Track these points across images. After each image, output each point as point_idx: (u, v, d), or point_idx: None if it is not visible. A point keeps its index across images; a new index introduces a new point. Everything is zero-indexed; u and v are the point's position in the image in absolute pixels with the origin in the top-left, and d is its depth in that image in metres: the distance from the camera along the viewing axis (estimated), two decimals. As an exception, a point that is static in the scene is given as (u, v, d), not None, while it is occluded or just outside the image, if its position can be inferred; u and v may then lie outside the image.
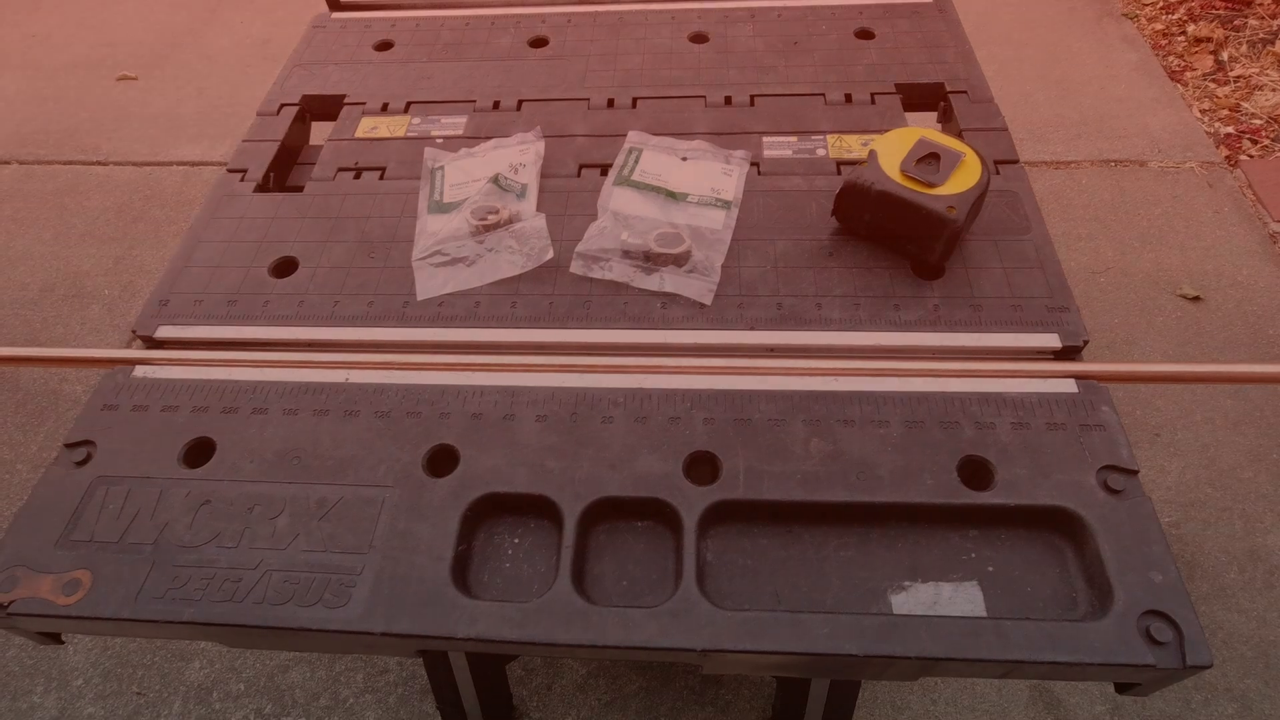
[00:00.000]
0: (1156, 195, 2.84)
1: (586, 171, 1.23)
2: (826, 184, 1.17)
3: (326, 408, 0.97)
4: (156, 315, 1.09)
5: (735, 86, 1.33)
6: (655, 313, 1.03)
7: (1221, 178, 2.89)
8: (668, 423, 0.93)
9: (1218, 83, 3.37)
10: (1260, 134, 3.16)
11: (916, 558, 0.85)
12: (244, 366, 1.02)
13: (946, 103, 1.29)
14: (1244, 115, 3.24)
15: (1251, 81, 3.40)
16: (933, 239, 1.00)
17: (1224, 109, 3.25)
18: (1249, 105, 3.28)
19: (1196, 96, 3.32)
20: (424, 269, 1.09)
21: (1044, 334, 0.98)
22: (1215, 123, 3.18)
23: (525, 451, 0.91)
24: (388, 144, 1.29)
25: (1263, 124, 3.19)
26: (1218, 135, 3.12)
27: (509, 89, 1.37)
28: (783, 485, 0.87)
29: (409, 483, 0.89)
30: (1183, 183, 2.89)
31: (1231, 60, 3.48)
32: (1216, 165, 2.97)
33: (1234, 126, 3.20)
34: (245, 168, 1.27)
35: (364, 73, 1.42)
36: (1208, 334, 2.34)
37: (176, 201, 2.94)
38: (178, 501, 0.90)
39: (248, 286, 1.11)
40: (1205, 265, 2.53)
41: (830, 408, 0.93)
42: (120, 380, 1.02)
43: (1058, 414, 0.91)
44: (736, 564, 0.86)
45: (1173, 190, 2.89)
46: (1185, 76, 3.42)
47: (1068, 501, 0.84)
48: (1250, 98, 3.33)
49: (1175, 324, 2.36)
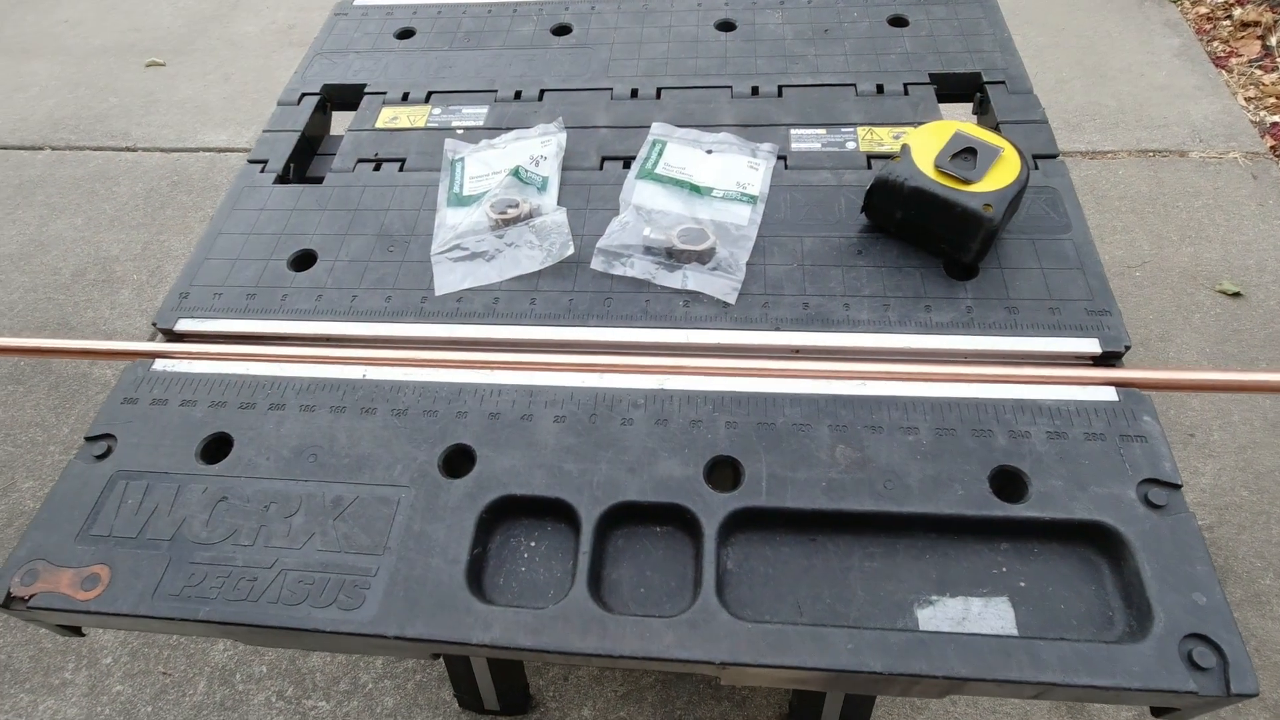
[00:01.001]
0: (1197, 187, 2.75)
1: (609, 164, 1.20)
2: (856, 179, 1.13)
3: (343, 404, 0.96)
4: (176, 308, 1.08)
5: (763, 76, 1.29)
6: (677, 311, 1.01)
7: (1267, 169, 2.78)
8: (689, 426, 0.90)
9: (1265, 69, 3.24)
10: (1310, 123, 3.04)
11: (945, 570, 0.82)
12: (262, 361, 1.01)
13: (983, 93, 1.24)
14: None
15: (1302, 68, 3.26)
16: (968, 238, 0.97)
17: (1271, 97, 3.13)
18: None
19: (1242, 84, 3.20)
20: (442, 264, 1.08)
21: (1083, 338, 0.94)
22: (1261, 111, 3.06)
23: (543, 453, 0.89)
24: (408, 134, 1.28)
25: (1313, 113, 3.06)
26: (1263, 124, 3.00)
27: (531, 78, 1.34)
28: (807, 493, 0.84)
29: (425, 483, 0.88)
30: (1225, 174, 2.79)
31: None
32: (1261, 156, 2.86)
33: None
34: (266, 158, 1.26)
35: (385, 62, 1.40)
36: (1247, 332, 2.26)
37: (202, 187, 2.96)
38: (195, 498, 0.89)
39: (266, 280, 1.10)
40: (1247, 260, 2.44)
41: (857, 413, 0.90)
42: (140, 373, 1.02)
43: (1096, 423, 0.87)
44: (757, 573, 0.83)
45: (1214, 182, 2.80)
46: (1230, 62, 3.29)
47: (1106, 516, 0.80)
48: (1300, 85, 3.19)
49: (1214, 321, 2.28)
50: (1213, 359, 2.19)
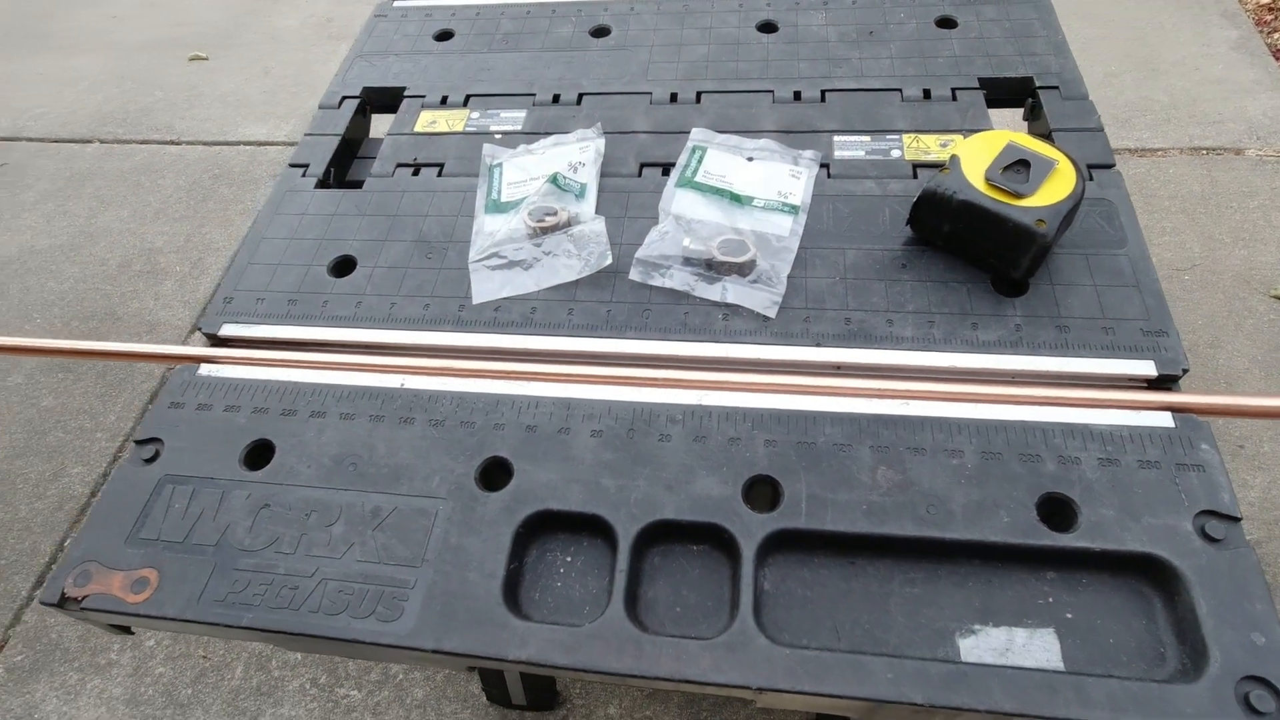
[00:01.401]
0: (1253, 186, 2.64)
1: (648, 170, 1.19)
2: (901, 189, 1.10)
3: (382, 413, 0.97)
4: (221, 313, 1.10)
5: (805, 81, 1.26)
6: (716, 325, 1.00)
7: None
8: (727, 443, 0.89)
9: (1329, 63, 3.10)
10: (1377, 120, 2.90)
11: (988, 599, 0.80)
12: (302, 368, 1.02)
13: (1035, 99, 1.20)
14: (1359, 99, 2.97)
15: (1370, 62, 3.11)
16: (1018, 254, 0.94)
17: (1337, 91, 2.99)
18: (1366, 88, 3.00)
19: (1305, 78, 3.06)
20: (480, 271, 1.08)
21: (1138, 360, 0.91)
22: (1326, 107, 2.92)
23: (580, 468, 0.89)
24: (446, 139, 1.28)
25: (1380, 109, 2.92)
26: (1328, 121, 2.87)
27: (569, 81, 1.33)
28: (847, 516, 0.83)
29: (462, 495, 0.89)
30: (1279, 172, 2.68)
31: (1348, 38, 3.19)
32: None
33: (1347, 111, 2.94)
34: (307, 162, 1.27)
35: (424, 64, 1.40)
36: (1300, 339, 2.17)
37: (242, 180, 3.01)
38: (239, 504, 0.91)
39: (307, 285, 1.11)
40: (1300, 264, 2.34)
41: (900, 434, 0.88)
42: (186, 378, 1.04)
43: (1151, 450, 0.84)
44: (795, 595, 0.82)
45: (1271, 181, 2.68)
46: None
47: (1159, 549, 0.78)
48: (1367, 80, 3.05)
49: (1266, 327, 2.20)
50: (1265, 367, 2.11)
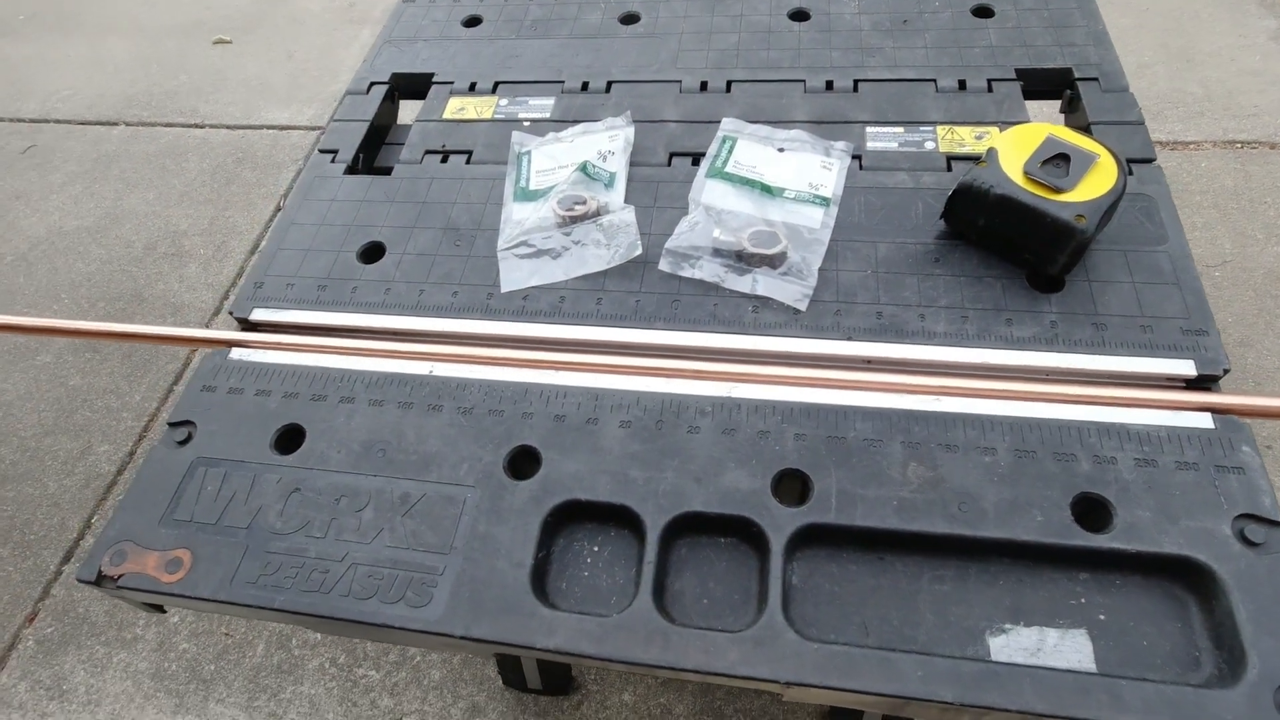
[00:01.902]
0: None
1: (677, 160, 1.18)
2: (935, 181, 1.09)
3: (410, 400, 0.97)
4: (252, 297, 1.11)
5: (837, 70, 1.25)
6: (746, 317, 0.99)
7: None
8: (756, 436, 0.89)
9: (1372, 55, 3.01)
10: None
11: (1019, 598, 0.79)
12: (332, 353, 1.03)
13: (1073, 91, 1.18)
14: (1401, 93, 2.89)
15: None
16: (1056, 250, 0.92)
17: (1377, 85, 2.91)
18: None
19: (1345, 71, 2.98)
20: (509, 260, 1.08)
21: (1177, 360, 0.89)
22: (1366, 101, 2.84)
23: (608, 458, 0.89)
24: (475, 126, 1.27)
25: None
26: (1368, 116, 2.80)
27: (598, 69, 1.32)
28: (878, 512, 0.82)
29: (490, 484, 0.89)
30: (1316, 170, 2.61)
31: (1391, 29, 3.10)
32: None
33: (1388, 106, 2.86)
34: (336, 148, 1.27)
35: (452, 50, 1.40)
36: (1336, 340, 2.13)
37: (266, 165, 3.03)
38: (270, 488, 0.92)
39: (337, 271, 1.11)
40: (1333, 262, 2.29)
41: (932, 430, 0.87)
42: (218, 362, 1.05)
43: (1189, 452, 0.83)
44: (823, 590, 0.82)
45: (1307, 177, 2.62)
46: (1334, 47, 3.06)
47: (1197, 552, 0.77)
48: None
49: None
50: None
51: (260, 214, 2.84)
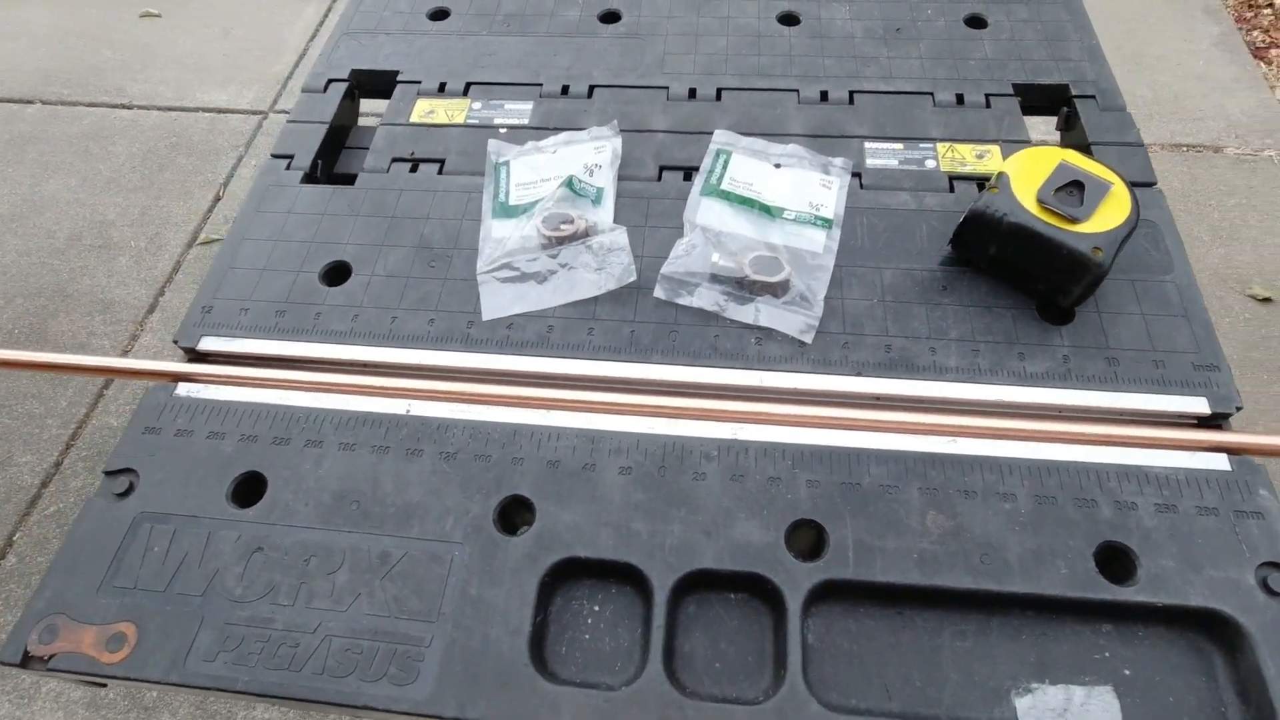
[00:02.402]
0: (1232, 185, 2.66)
1: (668, 174, 1.10)
2: (938, 203, 1.04)
3: (386, 444, 0.88)
4: (200, 324, 0.99)
5: (832, 80, 1.19)
6: (749, 349, 0.93)
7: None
8: (767, 483, 0.83)
9: (1305, 62, 3.12)
10: (1350, 121, 2.93)
11: (1043, 653, 0.76)
12: (295, 389, 0.93)
13: (1070, 108, 1.15)
14: (1334, 99, 3.01)
15: (1344, 61, 3.15)
16: (1071, 283, 0.89)
17: (1312, 92, 3.02)
18: (1338, 88, 3.04)
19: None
20: (490, 284, 0.99)
21: (1189, 397, 0.87)
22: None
23: (609, 509, 0.82)
24: (446, 131, 1.17)
25: (1354, 110, 2.95)
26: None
27: (579, 71, 1.23)
28: (898, 565, 0.78)
29: (480, 539, 0.81)
30: (1261, 172, 2.70)
31: (1322, 37, 3.21)
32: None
33: (1321, 111, 2.97)
34: (291, 153, 1.15)
35: (419, 46, 1.29)
36: (1277, 339, 2.21)
37: (204, 150, 2.83)
38: (228, 546, 0.82)
39: (298, 294, 1.01)
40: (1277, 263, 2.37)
41: (949, 474, 0.83)
42: (163, 399, 0.93)
43: (1208, 495, 0.81)
44: (841, 649, 0.77)
45: (1249, 180, 2.71)
46: (1270, 54, 3.17)
47: (1222, 604, 0.75)
48: (1342, 80, 3.08)
49: (1243, 327, 2.23)
50: (1240, 366, 2.14)
51: (198, 204, 2.65)
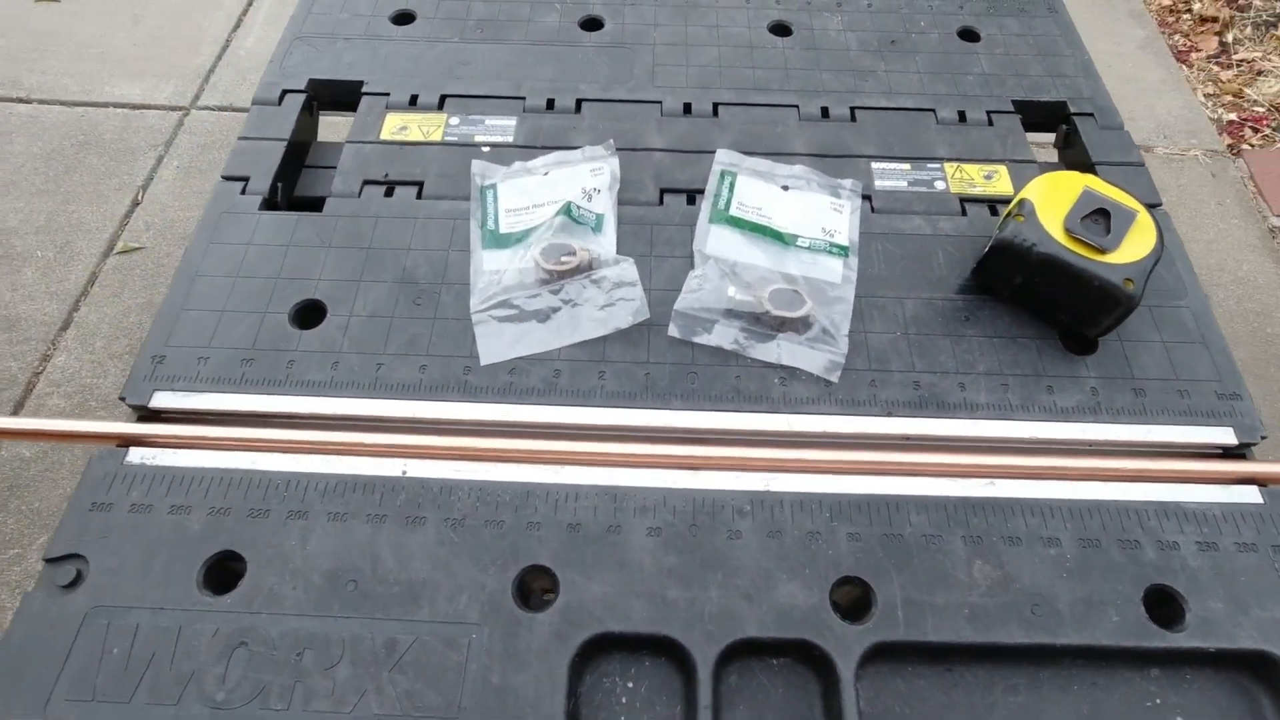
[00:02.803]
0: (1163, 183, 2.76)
1: (670, 197, 1.03)
2: (952, 227, 1.01)
3: (383, 512, 0.79)
4: (150, 376, 0.87)
5: (831, 95, 1.14)
6: (774, 391, 0.87)
7: (1225, 167, 2.83)
8: (806, 539, 0.78)
9: (1222, 66, 3.29)
10: (1263, 122, 3.11)
11: (1096, 704, 0.74)
12: (271, 451, 0.82)
13: (1070, 126, 1.13)
14: (1247, 102, 3.18)
15: (1255, 66, 3.33)
16: (1101, 314, 0.87)
17: (1228, 94, 3.18)
18: (1252, 91, 3.21)
19: (1201, 80, 3.24)
20: (487, 324, 0.90)
21: (1216, 427, 0.86)
22: (1219, 109, 3.10)
23: (640, 576, 0.75)
24: (423, 150, 1.07)
25: (1265, 112, 3.13)
26: (1221, 122, 3.05)
27: (564, 83, 1.14)
28: (950, 622, 0.74)
29: (499, 618, 0.73)
30: (1187, 172, 2.83)
31: (1236, 43, 3.39)
32: (1220, 154, 2.90)
33: (1237, 113, 3.14)
34: (246, 175, 1.02)
35: (384, 53, 1.17)
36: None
37: (116, 150, 2.58)
38: (204, 642, 0.71)
39: (266, 339, 0.89)
40: (1207, 260, 2.48)
41: (991, 520, 0.80)
42: (111, 468, 0.81)
43: (1245, 531, 0.80)
44: (894, 713, 0.73)
45: (1177, 179, 2.83)
46: (1191, 58, 3.32)
47: (1273, 645, 0.74)
48: (1254, 84, 3.26)
49: (1178, 323, 2.32)
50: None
51: (113, 208, 2.41)
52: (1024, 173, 1.06)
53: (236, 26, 2.96)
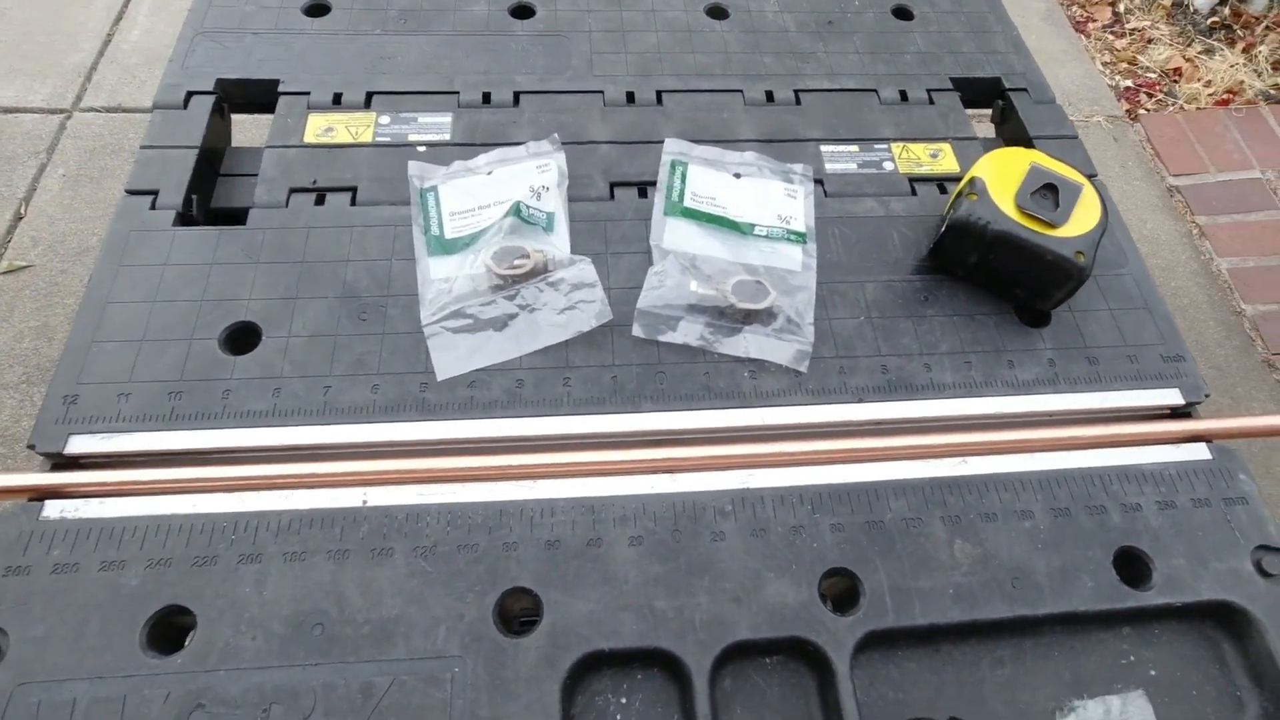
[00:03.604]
0: (1071, 151, 2.90)
1: (620, 191, 1.00)
2: (904, 207, 1.01)
3: (344, 546, 0.73)
4: (62, 420, 0.78)
5: (774, 79, 1.12)
6: (744, 385, 0.86)
7: (1124, 132, 2.99)
8: (790, 534, 0.77)
9: (1116, 35, 3.46)
10: (1155, 88, 3.29)
11: (1077, 668, 0.76)
12: (213, 491, 0.75)
13: (1006, 102, 1.15)
14: (1140, 69, 3.35)
15: (1145, 35, 3.51)
16: (1053, 288, 0.88)
17: (1123, 62, 3.35)
18: (1144, 59, 3.39)
19: (1098, 49, 3.40)
20: (440, 336, 0.85)
21: (1164, 389, 0.90)
22: (1116, 76, 3.27)
23: (625, 589, 0.73)
24: (352, 153, 0.99)
25: (1156, 78, 3.31)
26: (1118, 88, 3.21)
27: (499, 75, 1.09)
28: (937, 604, 0.75)
29: (482, 648, 0.69)
30: (1091, 137, 2.97)
31: (1128, 12, 3.57)
32: (1119, 119, 3.06)
33: (1132, 80, 3.31)
34: (155, 188, 0.93)
35: (299, 48, 1.08)
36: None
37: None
38: (154, 709, 0.65)
39: (195, 368, 0.81)
40: (1113, 221, 2.61)
41: (967, 498, 0.81)
42: (24, 526, 0.72)
43: (1199, 487, 0.83)
44: (888, 700, 0.73)
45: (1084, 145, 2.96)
46: (1088, 28, 3.48)
47: (1230, 594, 0.77)
48: (1145, 51, 3.44)
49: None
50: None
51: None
52: (967, 150, 1.07)
53: (118, 19, 2.73)
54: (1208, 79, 3.22)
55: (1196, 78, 3.26)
